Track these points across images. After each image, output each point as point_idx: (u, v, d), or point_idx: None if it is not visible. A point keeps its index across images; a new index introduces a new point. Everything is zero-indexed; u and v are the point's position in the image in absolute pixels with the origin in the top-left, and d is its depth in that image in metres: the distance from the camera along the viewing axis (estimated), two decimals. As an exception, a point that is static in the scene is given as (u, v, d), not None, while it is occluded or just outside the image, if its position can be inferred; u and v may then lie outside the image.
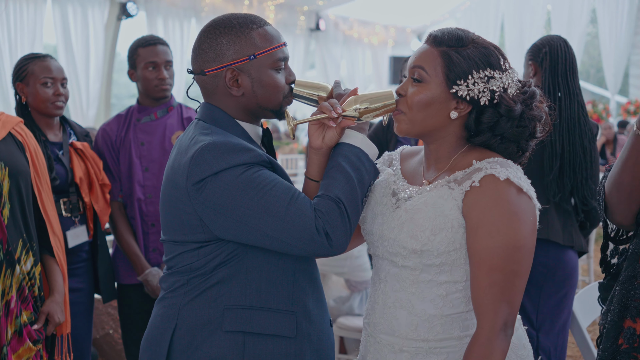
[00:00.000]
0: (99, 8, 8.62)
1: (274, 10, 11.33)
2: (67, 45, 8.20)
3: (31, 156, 2.81)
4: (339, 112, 1.92)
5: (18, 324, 2.65)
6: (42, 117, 3.20)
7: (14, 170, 2.67)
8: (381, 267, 2.01)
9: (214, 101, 2.01)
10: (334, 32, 12.85)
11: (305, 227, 1.81)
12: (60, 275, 2.87)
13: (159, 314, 2.01)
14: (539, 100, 1.96)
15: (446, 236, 1.85)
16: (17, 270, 2.65)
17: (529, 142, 1.97)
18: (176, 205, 1.92)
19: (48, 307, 2.78)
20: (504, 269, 1.79)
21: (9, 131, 2.76)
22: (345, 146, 1.95)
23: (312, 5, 11.91)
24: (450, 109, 1.90)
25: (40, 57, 3.19)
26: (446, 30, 1.93)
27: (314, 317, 2.01)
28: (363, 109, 1.94)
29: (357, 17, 13.31)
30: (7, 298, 2.62)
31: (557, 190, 3.23)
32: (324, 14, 12.44)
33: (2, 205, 2.63)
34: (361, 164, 1.92)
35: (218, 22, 1.99)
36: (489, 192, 1.82)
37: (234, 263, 1.92)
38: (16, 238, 2.67)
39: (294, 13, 11.88)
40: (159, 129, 3.57)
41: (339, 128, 1.95)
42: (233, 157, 1.84)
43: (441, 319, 1.89)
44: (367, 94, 1.96)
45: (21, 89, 3.19)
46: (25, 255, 2.71)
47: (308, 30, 12.31)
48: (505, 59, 1.92)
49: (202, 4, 10.11)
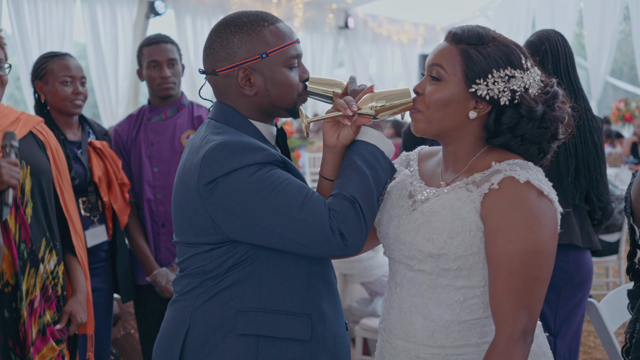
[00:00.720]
0: (128, 6, 8.66)
1: (303, 8, 11.30)
2: (96, 44, 8.25)
3: (53, 155, 2.81)
4: (354, 110, 1.88)
5: (42, 324, 2.65)
6: (61, 116, 3.20)
7: (36, 169, 2.68)
8: (397, 271, 1.96)
9: (226, 101, 1.98)
10: (363, 30, 12.78)
11: (319, 227, 1.76)
12: (82, 275, 2.87)
13: (171, 316, 1.98)
14: (561, 100, 1.90)
15: (464, 240, 1.80)
16: (40, 270, 2.65)
17: (551, 143, 1.91)
18: (188, 206, 1.89)
19: (71, 307, 2.78)
20: (524, 274, 1.74)
21: (30, 130, 2.77)
22: (360, 144, 1.90)
23: (341, 3, 11.87)
24: (469, 109, 1.85)
25: (60, 56, 3.19)
26: (466, 28, 1.87)
27: (329, 320, 1.97)
28: (379, 107, 1.90)
29: (387, 15, 13.23)
30: (31, 297, 2.62)
31: (576, 191, 3.16)
32: (352, 12, 12.38)
33: (24, 204, 2.64)
34: (377, 162, 1.87)
35: (229, 21, 1.95)
36: (508, 195, 1.77)
37: (247, 265, 1.89)
38: (39, 237, 2.67)
39: (323, 11, 11.84)
40: (168, 129, 3.55)
41: (354, 126, 1.91)
42: (245, 157, 1.81)
43: (458, 325, 1.84)
44: (383, 91, 1.92)
45: (40, 87, 3.19)
46: (48, 254, 2.71)
47: (337, 28, 12.26)
48: (527, 57, 1.87)
49: (230, 2, 10.11)
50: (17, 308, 2.58)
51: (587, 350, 5.21)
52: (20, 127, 2.72)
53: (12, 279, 2.58)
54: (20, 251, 2.61)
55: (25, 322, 2.57)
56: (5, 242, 2.56)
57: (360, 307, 4.38)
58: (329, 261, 2.04)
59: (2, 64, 2.67)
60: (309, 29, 11.67)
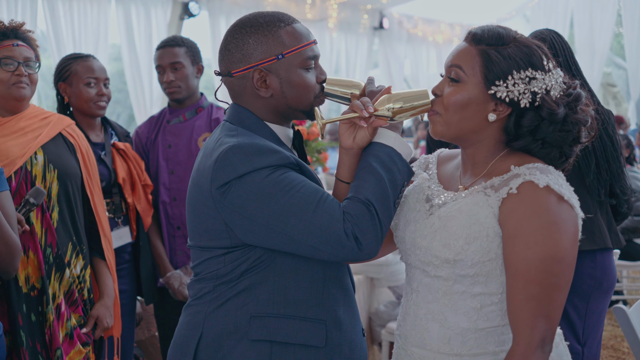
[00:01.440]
0: (162, 8, 8.69)
1: (337, 8, 11.25)
2: (130, 45, 8.29)
3: (83, 158, 2.83)
4: (370, 112, 1.84)
5: (69, 327, 2.67)
6: (84, 118, 3.21)
7: (63, 172, 2.70)
8: (413, 277, 1.92)
9: (242, 103, 1.95)
10: (398, 30, 12.69)
11: (333, 231, 1.73)
12: (110, 279, 2.89)
13: (185, 321, 1.96)
14: (584, 103, 1.84)
15: (481, 245, 1.75)
16: (66, 274, 2.67)
17: (573, 147, 1.86)
18: (201, 209, 1.87)
19: (97, 311, 2.80)
20: (542, 282, 1.69)
21: (60, 132, 2.78)
22: (377, 146, 1.86)
23: (376, 3, 11.78)
24: (489, 111, 1.80)
25: (83, 57, 3.20)
26: (486, 28, 1.83)
27: (344, 326, 1.93)
28: (397, 109, 1.86)
29: (422, 15, 13.11)
30: (58, 301, 2.64)
31: (600, 187, 3.08)
32: (387, 12, 12.30)
33: (51, 209, 2.66)
34: (393, 165, 1.83)
35: (244, 22, 1.93)
36: (527, 200, 1.72)
37: (262, 269, 1.86)
38: (66, 241, 2.69)
39: (357, 12, 11.77)
40: (186, 131, 3.54)
41: (370, 128, 1.87)
42: (259, 159, 1.78)
43: (475, 333, 1.80)
44: (400, 92, 1.87)
45: (64, 89, 3.20)
46: (75, 259, 2.73)
47: (371, 28, 12.18)
48: (549, 58, 1.82)
49: (264, 3, 10.10)
50: (43, 312, 2.61)
51: (621, 357, 5.11)
52: (50, 128, 2.75)
53: (38, 283, 2.61)
54: (46, 255, 2.63)
55: (52, 325, 2.59)
56: (31, 246, 2.59)
57: (387, 310, 4.34)
58: (346, 266, 2.00)
59: (32, 62, 2.71)
60: (343, 30, 11.61)
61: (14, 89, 2.66)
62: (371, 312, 4.41)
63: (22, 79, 2.68)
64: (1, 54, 2.66)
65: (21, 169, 2.62)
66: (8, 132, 2.66)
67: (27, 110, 2.76)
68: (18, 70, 2.67)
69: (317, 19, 10.96)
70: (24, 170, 2.62)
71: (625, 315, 2.82)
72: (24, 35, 2.74)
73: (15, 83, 2.66)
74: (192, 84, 3.54)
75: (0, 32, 2.69)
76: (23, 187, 2.61)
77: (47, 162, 2.67)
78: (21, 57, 2.68)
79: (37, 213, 2.62)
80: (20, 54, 2.69)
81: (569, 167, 1.90)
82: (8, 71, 2.66)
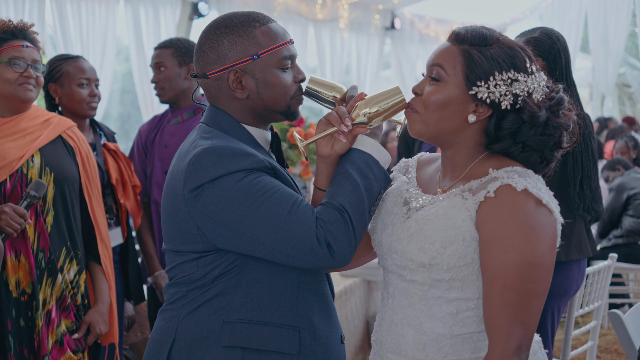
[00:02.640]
0: (171, 8, 8.68)
1: (348, 9, 11.21)
2: (138, 46, 8.29)
3: (82, 161, 2.81)
4: (347, 125, 1.81)
5: (59, 334, 2.65)
6: (75, 119, 3.16)
7: (60, 176, 2.68)
8: (390, 282, 1.89)
9: (218, 105, 1.92)
10: (410, 30, 12.62)
11: (305, 237, 1.70)
12: (105, 285, 2.86)
13: (158, 326, 1.93)
14: (567, 107, 1.80)
15: (457, 249, 1.72)
16: (58, 279, 2.65)
17: (554, 152, 1.82)
18: (174, 212, 1.84)
19: (90, 317, 2.78)
20: (519, 287, 1.65)
21: (60, 134, 2.76)
22: (354, 152, 1.83)
23: (387, 3, 11.73)
24: (469, 112, 1.77)
25: (74, 58, 3.19)
26: (470, 28, 1.80)
27: (319, 333, 1.90)
28: (373, 113, 1.83)
29: (434, 15, 13.04)
30: (48, 307, 2.62)
31: (580, 202, 3.03)
32: (399, 13, 12.23)
33: (45, 213, 2.64)
34: (370, 171, 1.80)
35: (219, 22, 1.90)
36: (504, 204, 1.68)
37: (235, 274, 1.83)
38: (59, 246, 2.67)
39: (369, 12, 11.71)
40: (183, 132, 3.52)
41: (350, 136, 1.84)
42: (232, 163, 1.75)
43: (451, 339, 1.76)
44: (373, 95, 1.84)
45: (54, 89, 3.17)
46: (68, 264, 2.70)
47: (383, 29, 12.12)
48: (532, 61, 1.78)
49: (274, 3, 10.08)
50: (32, 317, 2.58)
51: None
52: (49, 131, 2.72)
53: (28, 288, 2.59)
54: (37, 260, 2.61)
55: (40, 331, 2.57)
56: (22, 250, 2.56)
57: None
58: (322, 272, 1.97)
59: (39, 64, 2.70)
60: (354, 30, 11.56)
61: (20, 89, 2.65)
62: (368, 316, 4.38)
63: (30, 81, 2.67)
64: (10, 54, 2.65)
65: (17, 171, 2.60)
66: (7, 133, 2.65)
67: (29, 111, 2.74)
68: (27, 72, 2.66)
69: (328, 19, 10.93)
70: (19, 173, 2.60)
71: (620, 320, 2.77)
72: (32, 37, 2.74)
73: (22, 84, 2.65)
74: (179, 85, 3.52)
75: (9, 31, 2.68)
76: (18, 190, 2.59)
77: (43, 165, 2.65)
78: (30, 58, 2.68)
79: (31, 216, 2.60)
80: (29, 56, 2.68)
81: (550, 173, 1.86)
82: (17, 72, 2.65)
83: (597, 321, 3.63)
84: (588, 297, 3.57)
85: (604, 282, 3.65)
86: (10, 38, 2.66)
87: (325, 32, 10.96)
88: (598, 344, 5.17)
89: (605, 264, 3.59)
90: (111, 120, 10.15)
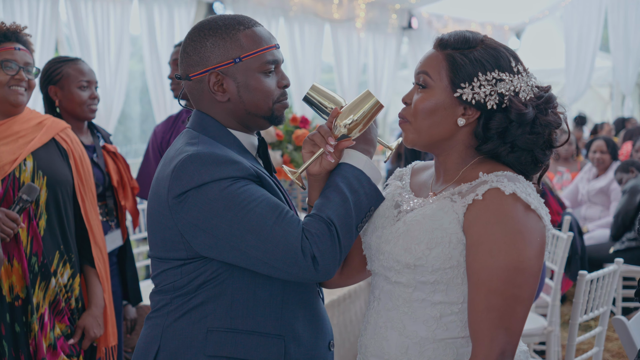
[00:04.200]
0: (186, 8, 8.68)
1: (365, 8, 11.18)
2: (152, 46, 8.31)
3: (75, 164, 2.79)
4: (332, 144, 1.81)
5: (52, 338, 2.64)
6: (74, 121, 3.18)
7: (53, 180, 2.66)
8: (376, 284, 1.88)
9: (202, 108, 1.91)
10: (427, 30, 12.55)
11: (289, 249, 1.69)
12: (99, 288, 2.85)
13: (144, 334, 1.92)
14: (556, 105, 1.78)
15: (442, 251, 1.71)
16: (52, 283, 2.63)
17: (546, 151, 1.80)
18: (159, 219, 1.83)
19: (84, 321, 2.77)
20: (504, 292, 1.64)
21: (53, 137, 2.75)
22: (345, 167, 1.82)
23: (405, 3, 11.68)
24: (458, 116, 1.76)
25: (73, 60, 3.18)
26: (453, 33, 1.81)
27: (304, 341, 1.88)
28: (351, 124, 1.81)
29: (452, 15, 12.96)
30: (41, 311, 2.61)
31: None
32: (416, 12, 12.18)
33: (38, 217, 2.62)
34: (360, 187, 1.79)
35: (204, 24, 1.90)
36: (492, 207, 1.67)
37: (219, 283, 1.81)
38: (53, 250, 2.66)
39: (386, 11, 11.67)
40: None
41: (337, 153, 1.83)
42: (217, 170, 1.73)
43: (434, 343, 1.74)
44: (347, 107, 1.84)
45: (54, 92, 3.15)
46: (62, 267, 2.69)
47: (400, 28, 12.07)
48: (518, 61, 1.78)
49: (290, 3, 10.07)
50: (28, 322, 2.57)
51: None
52: (42, 134, 2.71)
53: (22, 292, 2.57)
54: (30, 264, 2.60)
55: (36, 336, 2.56)
56: (15, 255, 2.55)
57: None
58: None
59: (31, 67, 2.69)
60: (371, 30, 11.52)
61: (11, 93, 2.64)
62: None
63: (21, 84, 2.66)
64: (2, 57, 2.64)
65: (10, 175, 2.59)
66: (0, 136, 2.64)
67: (22, 114, 2.73)
68: (19, 74, 2.65)
69: (345, 19, 10.90)
70: (12, 177, 2.59)
71: (624, 326, 2.73)
72: (25, 39, 2.73)
73: (13, 86, 2.64)
74: None
75: (1, 33, 2.67)
76: (10, 194, 2.58)
77: (36, 168, 2.64)
78: (22, 61, 2.67)
79: (24, 221, 2.59)
80: (22, 58, 2.67)
81: (541, 172, 1.83)
82: (8, 74, 2.64)
83: (603, 327, 3.57)
84: (593, 303, 3.51)
85: (610, 288, 3.59)
86: (3, 40, 2.66)
87: (342, 31, 10.94)
88: (610, 348, 5.12)
89: (611, 269, 3.53)
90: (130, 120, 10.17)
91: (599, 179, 6.58)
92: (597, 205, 6.50)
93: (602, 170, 6.58)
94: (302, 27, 10.38)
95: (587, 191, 6.57)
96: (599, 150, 6.58)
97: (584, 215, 6.58)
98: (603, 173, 6.57)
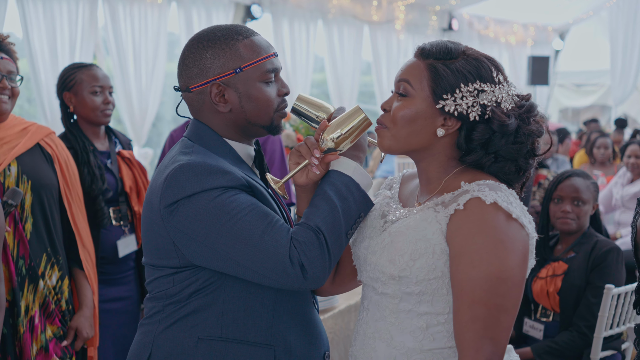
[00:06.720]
0: (224, 11, 8.76)
1: (404, 10, 11.15)
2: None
3: (61, 168, 2.82)
4: (318, 156, 1.81)
5: (43, 340, 2.66)
6: (90, 127, 3.24)
7: (37, 184, 2.69)
8: (365, 295, 1.89)
9: (202, 118, 1.93)
10: (468, 31, 12.47)
11: (278, 257, 1.70)
12: (89, 290, 2.88)
13: (136, 340, 1.95)
14: (538, 114, 1.78)
15: (426, 262, 1.71)
16: (40, 286, 2.66)
17: (529, 160, 1.80)
18: (152, 227, 1.86)
19: (76, 322, 2.80)
20: (488, 302, 1.63)
21: (38, 142, 2.78)
22: (334, 174, 1.82)
23: (445, 4, 11.62)
24: (437, 126, 1.76)
25: (87, 66, 3.24)
26: (435, 43, 1.81)
27: (296, 351, 1.89)
28: (339, 138, 1.82)
29: (494, 16, 12.86)
30: (31, 314, 2.63)
31: None
32: (457, 13, 12.11)
33: (24, 220, 2.65)
34: (349, 194, 1.79)
35: (202, 36, 1.91)
36: (473, 217, 1.67)
37: (211, 291, 1.83)
38: (39, 253, 2.69)
39: (426, 13, 11.63)
40: None
41: (323, 165, 1.84)
42: (208, 180, 1.76)
43: (421, 354, 1.74)
44: (336, 120, 1.84)
45: (69, 98, 3.21)
46: (50, 270, 2.72)
47: (440, 30, 12.01)
48: (499, 71, 1.78)
49: (329, 5, 10.08)
50: (14, 324, 2.59)
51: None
52: (27, 139, 2.73)
53: (9, 295, 2.59)
54: (18, 267, 2.62)
55: (22, 338, 2.58)
56: (2, 258, 2.54)
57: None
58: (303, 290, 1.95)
59: (14, 75, 2.71)
60: (410, 32, 11.48)
61: None
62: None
63: (5, 92, 2.66)
64: None
65: None
66: None
67: (6, 121, 2.74)
68: (2, 82, 2.65)
69: (384, 21, 10.89)
70: None
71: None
72: (7, 48, 2.74)
73: None
74: None
75: None
76: None
77: (20, 173, 2.66)
78: (5, 70, 2.67)
79: (10, 224, 2.61)
80: (4, 67, 2.67)
81: (525, 181, 1.83)
82: None
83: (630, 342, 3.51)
84: (619, 318, 3.46)
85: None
86: None
87: (381, 33, 10.92)
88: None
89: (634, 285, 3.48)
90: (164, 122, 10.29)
91: (633, 183, 6.45)
92: (631, 210, 6.37)
93: (637, 175, 6.44)
94: (341, 29, 10.39)
95: (621, 196, 6.45)
96: (634, 155, 6.45)
97: (617, 221, 6.46)
98: (638, 178, 6.44)
